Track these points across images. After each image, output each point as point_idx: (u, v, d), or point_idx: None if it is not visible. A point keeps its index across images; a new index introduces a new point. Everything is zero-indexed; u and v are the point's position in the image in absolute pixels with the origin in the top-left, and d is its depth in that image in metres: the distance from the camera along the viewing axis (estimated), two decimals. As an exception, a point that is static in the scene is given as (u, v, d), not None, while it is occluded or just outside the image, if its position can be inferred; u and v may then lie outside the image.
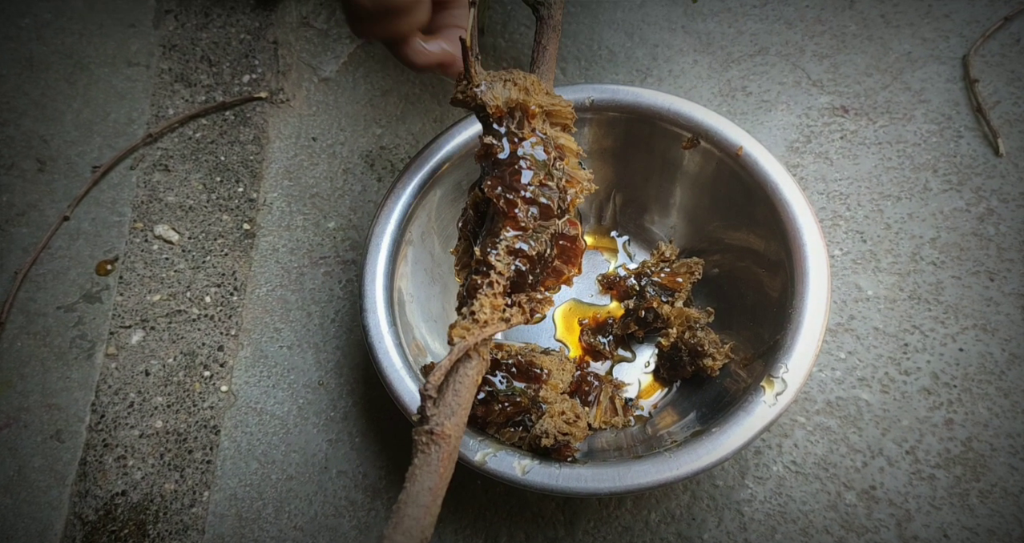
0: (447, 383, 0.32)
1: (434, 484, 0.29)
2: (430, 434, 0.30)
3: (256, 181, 0.56)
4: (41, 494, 0.47)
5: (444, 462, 0.29)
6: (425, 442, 0.30)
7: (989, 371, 0.46)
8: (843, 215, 0.52)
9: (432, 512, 0.28)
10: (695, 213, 0.49)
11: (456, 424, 0.31)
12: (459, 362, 0.33)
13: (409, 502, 0.28)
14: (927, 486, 0.44)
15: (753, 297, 0.45)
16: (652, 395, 0.47)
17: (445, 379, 0.32)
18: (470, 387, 0.32)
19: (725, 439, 0.37)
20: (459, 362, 0.33)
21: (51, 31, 0.62)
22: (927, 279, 0.49)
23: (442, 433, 0.30)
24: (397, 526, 0.27)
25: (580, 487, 0.37)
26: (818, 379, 0.47)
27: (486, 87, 0.37)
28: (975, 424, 0.45)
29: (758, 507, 0.44)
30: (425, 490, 0.28)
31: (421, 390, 0.31)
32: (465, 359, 0.33)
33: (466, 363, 0.33)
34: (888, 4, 0.59)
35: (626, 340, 0.48)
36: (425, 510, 0.28)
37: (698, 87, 0.57)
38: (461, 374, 0.33)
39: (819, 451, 0.45)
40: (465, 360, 0.33)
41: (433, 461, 0.29)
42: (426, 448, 0.30)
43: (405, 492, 0.28)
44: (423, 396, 0.31)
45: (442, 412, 0.31)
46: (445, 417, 0.31)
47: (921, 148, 0.53)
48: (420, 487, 0.29)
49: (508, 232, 0.35)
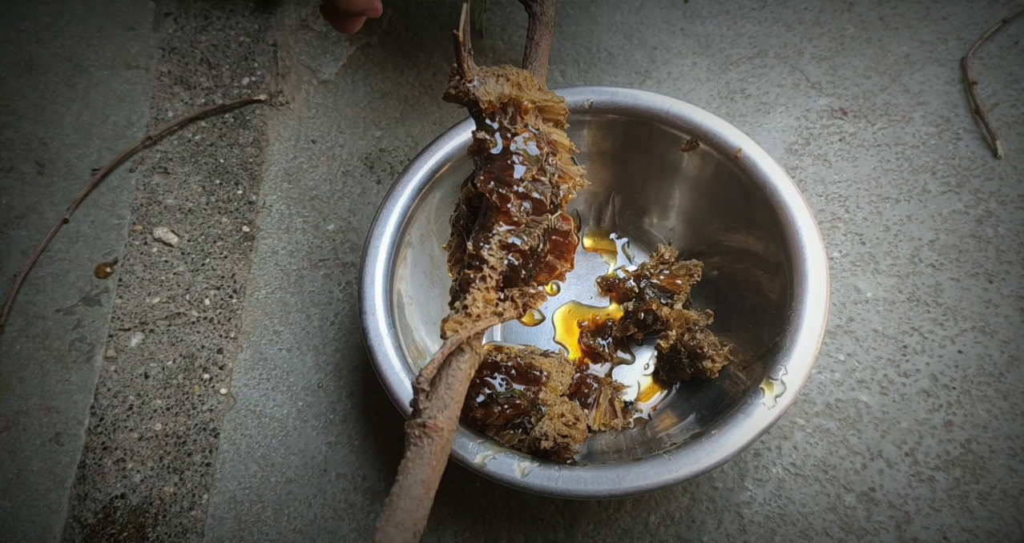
0: (440, 376, 0.32)
1: (427, 477, 0.29)
2: (423, 427, 0.30)
3: (255, 183, 0.56)
4: (40, 497, 0.47)
5: (437, 455, 0.29)
6: (418, 435, 0.30)
7: (988, 373, 0.46)
8: (842, 217, 0.52)
9: (425, 505, 0.28)
10: (694, 215, 0.49)
11: (449, 417, 0.31)
12: (452, 356, 0.33)
13: (402, 495, 0.28)
14: (926, 488, 0.44)
15: (752, 299, 0.45)
16: (651, 397, 0.46)
17: (438, 372, 0.32)
18: (463, 380, 0.32)
19: (724, 441, 0.37)
20: (452, 356, 0.33)
21: (50, 34, 0.62)
22: (926, 281, 0.49)
23: (435, 426, 0.30)
24: (390, 518, 0.27)
25: (580, 489, 0.37)
26: (817, 381, 0.47)
27: (479, 82, 0.37)
28: (974, 426, 0.45)
29: (757, 509, 0.44)
30: (418, 483, 0.28)
31: (414, 383, 0.31)
32: (458, 353, 0.33)
33: (459, 357, 0.33)
34: (886, 6, 0.59)
35: (625, 342, 0.48)
36: (418, 503, 0.28)
37: (697, 89, 0.57)
38: (454, 368, 0.33)
39: (818, 453, 0.45)
40: (458, 354, 0.33)
41: (426, 454, 0.29)
42: (419, 441, 0.30)
43: (398, 485, 0.28)
44: (416, 389, 0.31)
45: (435, 405, 0.31)
46: (438, 410, 0.31)
47: (920, 150, 0.54)
48: (413, 480, 0.28)
49: (501, 227, 0.35)
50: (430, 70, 0.59)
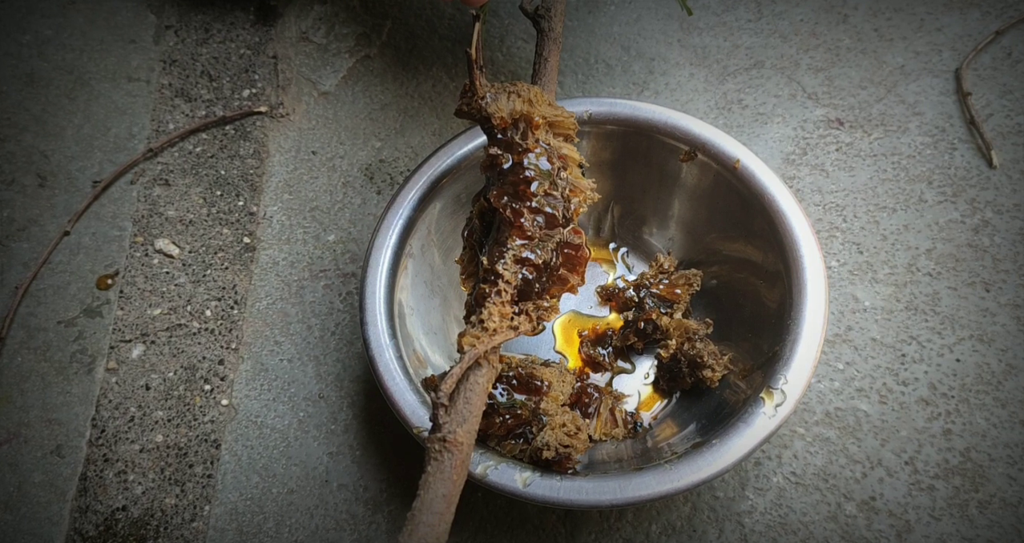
0: (458, 391, 0.33)
1: (448, 491, 0.29)
2: (443, 442, 0.30)
3: (256, 195, 0.57)
4: (41, 510, 0.47)
5: (457, 469, 0.30)
6: (438, 449, 0.30)
7: (986, 381, 0.47)
8: (839, 227, 0.52)
9: (446, 519, 0.28)
10: (693, 225, 0.49)
11: (468, 431, 0.31)
12: (470, 370, 0.33)
13: (424, 509, 0.28)
14: (926, 497, 0.44)
15: (751, 308, 0.45)
16: (652, 406, 0.47)
17: (456, 387, 0.33)
18: (481, 394, 0.33)
19: (725, 451, 0.37)
20: (470, 370, 0.33)
21: (52, 47, 0.62)
22: (923, 290, 0.50)
23: (455, 441, 0.30)
24: (412, 534, 0.27)
25: (581, 499, 0.37)
26: (816, 390, 0.47)
27: (491, 99, 0.38)
28: (973, 434, 0.45)
29: (758, 518, 0.44)
30: (439, 497, 0.29)
31: (433, 398, 0.31)
32: (475, 367, 0.33)
33: (476, 371, 0.33)
34: (881, 18, 0.60)
35: (625, 352, 0.49)
36: (439, 517, 0.28)
37: (694, 100, 0.58)
38: (472, 382, 0.33)
39: (818, 462, 0.45)
40: (475, 368, 0.33)
41: (446, 468, 0.29)
42: (439, 456, 0.30)
43: (419, 500, 0.29)
44: (435, 404, 0.31)
45: (454, 419, 0.31)
46: (457, 424, 0.31)
47: (915, 160, 0.54)
48: (434, 494, 0.29)
49: (515, 241, 0.36)
50: (429, 81, 0.60)
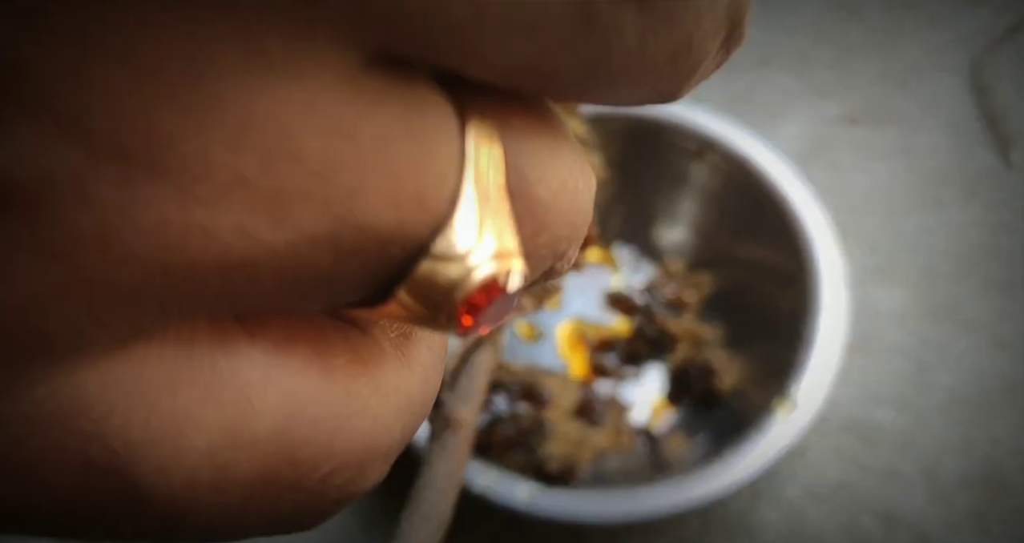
0: (461, 370, 0.32)
1: (451, 468, 0.29)
2: (445, 420, 0.30)
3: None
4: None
5: (460, 447, 0.30)
6: (440, 428, 0.30)
7: (1007, 388, 0.45)
8: (853, 227, 0.51)
9: (450, 497, 0.28)
10: (703, 226, 0.48)
11: (471, 410, 0.31)
12: (472, 349, 0.33)
13: (426, 486, 0.28)
14: (945, 508, 0.43)
15: (765, 313, 0.44)
16: (660, 416, 0.45)
17: (459, 366, 0.32)
18: (484, 374, 0.32)
19: (739, 464, 0.36)
20: (472, 349, 0.33)
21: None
22: (941, 293, 0.48)
23: (457, 419, 0.30)
24: (415, 510, 0.27)
25: (588, 514, 0.35)
26: (831, 398, 0.46)
27: None
28: (993, 443, 0.44)
29: (771, 531, 0.43)
30: (442, 475, 0.28)
31: None
32: (478, 346, 0.33)
33: (479, 351, 0.33)
34: (894, 13, 0.58)
35: (632, 359, 0.47)
36: (442, 494, 0.28)
37: (703, 97, 0.56)
38: (475, 362, 0.33)
39: (834, 473, 0.44)
40: (479, 348, 0.33)
41: (448, 447, 0.29)
42: (441, 434, 0.29)
43: (421, 477, 0.29)
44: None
45: (457, 397, 0.31)
46: (460, 402, 0.31)
47: (931, 159, 0.53)
48: (436, 472, 0.28)
49: None
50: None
